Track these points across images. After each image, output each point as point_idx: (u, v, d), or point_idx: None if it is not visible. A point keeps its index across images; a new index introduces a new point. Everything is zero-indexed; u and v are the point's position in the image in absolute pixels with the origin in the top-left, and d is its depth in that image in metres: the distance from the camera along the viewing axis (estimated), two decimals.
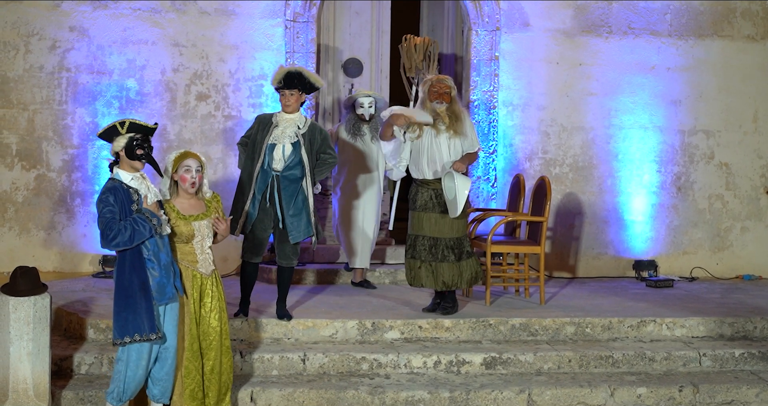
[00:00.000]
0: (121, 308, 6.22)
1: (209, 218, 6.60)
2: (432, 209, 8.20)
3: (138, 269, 6.24)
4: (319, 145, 7.95)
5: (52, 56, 10.05)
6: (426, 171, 8.23)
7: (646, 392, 7.42)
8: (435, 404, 7.21)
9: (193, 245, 6.54)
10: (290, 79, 7.88)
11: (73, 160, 10.11)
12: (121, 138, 6.32)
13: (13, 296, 6.60)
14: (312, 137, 7.90)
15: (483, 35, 10.52)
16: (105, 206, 6.17)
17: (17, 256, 9.95)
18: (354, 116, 9.46)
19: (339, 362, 7.57)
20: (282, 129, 7.88)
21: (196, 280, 6.56)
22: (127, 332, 6.20)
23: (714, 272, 10.91)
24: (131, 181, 6.32)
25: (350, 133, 9.42)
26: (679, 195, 10.88)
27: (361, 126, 9.43)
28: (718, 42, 10.84)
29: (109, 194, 6.20)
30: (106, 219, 6.14)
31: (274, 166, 7.81)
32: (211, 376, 6.61)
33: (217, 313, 6.62)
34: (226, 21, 10.21)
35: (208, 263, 6.62)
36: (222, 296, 6.68)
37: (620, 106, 10.74)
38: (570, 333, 8.19)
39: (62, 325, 8.10)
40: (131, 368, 6.28)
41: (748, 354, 7.95)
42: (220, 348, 6.62)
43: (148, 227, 6.18)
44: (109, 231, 6.11)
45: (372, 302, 8.82)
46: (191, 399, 6.53)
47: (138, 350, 6.26)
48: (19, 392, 6.60)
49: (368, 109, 9.37)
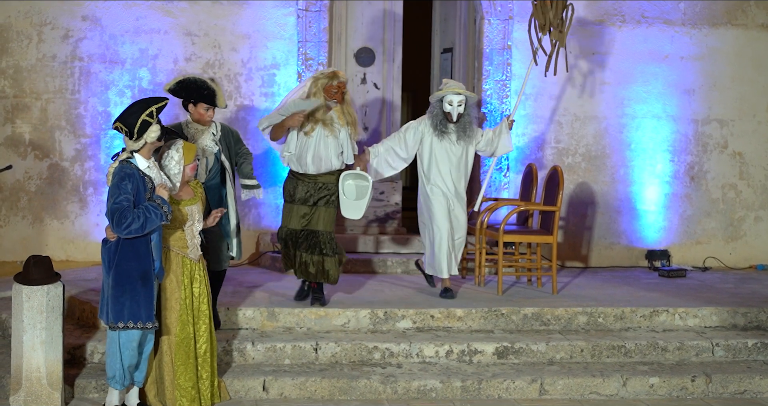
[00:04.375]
0: (120, 293, 6.32)
1: (198, 202, 6.73)
2: (306, 202, 8.10)
3: (144, 257, 6.32)
4: (234, 144, 7.74)
5: (64, 45, 10.06)
6: (310, 166, 8.08)
7: (659, 381, 7.41)
8: (447, 393, 7.22)
9: (184, 230, 6.65)
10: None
11: (86, 149, 10.12)
12: (154, 127, 6.38)
13: (27, 285, 6.62)
14: (227, 140, 7.68)
15: (495, 24, 10.49)
16: (122, 193, 6.21)
17: (30, 245, 9.97)
18: (440, 113, 8.62)
19: (351, 352, 7.57)
20: (199, 142, 7.50)
21: (186, 266, 6.66)
22: (123, 317, 6.32)
23: (727, 262, 10.88)
24: (147, 169, 6.38)
25: (436, 130, 8.61)
26: (692, 185, 10.85)
27: (448, 125, 8.60)
28: (731, 31, 10.79)
29: (127, 181, 6.24)
30: (122, 207, 6.17)
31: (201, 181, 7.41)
32: (204, 357, 6.73)
33: (205, 297, 6.76)
34: (238, 10, 10.20)
35: (197, 248, 6.74)
36: (207, 281, 6.82)
37: (633, 96, 10.71)
38: (582, 323, 8.18)
39: (75, 314, 8.13)
40: (125, 351, 6.42)
41: (761, 344, 7.93)
42: (209, 331, 6.77)
43: (160, 214, 6.25)
44: (124, 219, 6.16)
45: (384, 291, 8.83)
46: (186, 381, 6.63)
47: (128, 334, 6.39)
48: (32, 381, 6.62)
49: (457, 107, 8.54)
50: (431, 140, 8.64)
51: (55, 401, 6.64)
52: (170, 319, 6.61)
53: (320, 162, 8.07)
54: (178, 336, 6.63)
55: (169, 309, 6.62)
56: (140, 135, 6.36)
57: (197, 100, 7.44)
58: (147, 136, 6.38)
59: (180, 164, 6.61)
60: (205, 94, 7.43)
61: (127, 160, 6.38)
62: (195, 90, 7.43)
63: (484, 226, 9.14)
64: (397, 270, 9.92)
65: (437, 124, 8.61)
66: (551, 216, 8.91)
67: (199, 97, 7.43)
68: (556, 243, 8.89)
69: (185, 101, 7.52)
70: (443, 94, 8.58)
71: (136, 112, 6.37)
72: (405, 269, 9.92)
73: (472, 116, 8.72)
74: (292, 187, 8.11)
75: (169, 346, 6.63)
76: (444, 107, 8.57)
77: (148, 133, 6.37)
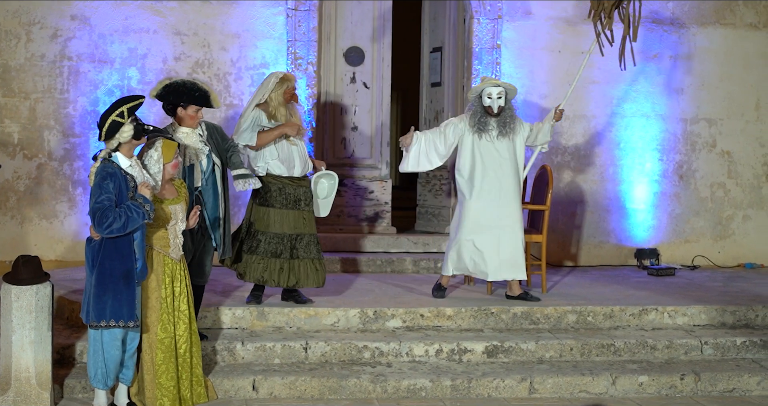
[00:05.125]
0: (102, 291, 6.31)
1: (182, 202, 6.72)
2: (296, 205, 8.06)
3: (126, 256, 6.32)
4: (221, 141, 7.62)
5: (53, 45, 10.04)
6: (297, 169, 8.06)
7: (648, 380, 7.42)
8: (437, 392, 7.22)
9: (167, 229, 6.65)
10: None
11: (75, 149, 10.11)
12: (126, 127, 6.36)
13: (16, 284, 6.61)
14: (214, 138, 7.56)
15: (485, 23, 10.50)
16: (104, 192, 6.21)
17: (19, 245, 9.95)
18: (480, 109, 8.42)
19: (341, 351, 7.57)
20: (188, 144, 7.34)
21: (167, 265, 6.66)
22: (104, 316, 6.32)
23: (716, 261, 10.91)
24: (129, 167, 6.38)
25: (475, 128, 8.42)
26: (681, 183, 10.88)
27: (488, 120, 8.42)
28: (720, 30, 10.82)
29: (109, 181, 6.24)
30: (103, 206, 6.19)
31: (196, 185, 7.34)
32: (185, 357, 6.72)
33: (185, 297, 6.76)
34: (228, 9, 10.20)
35: (179, 248, 6.74)
36: (188, 281, 6.82)
37: (622, 95, 10.73)
38: (572, 321, 8.20)
39: (64, 314, 8.11)
40: (108, 350, 6.42)
41: (749, 342, 7.96)
42: (189, 330, 6.76)
43: (141, 213, 6.25)
44: (105, 219, 6.18)
45: (374, 290, 8.83)
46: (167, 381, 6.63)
47: (111, 333, 6.40)
48: (21, 381, 6.61)
49: (497, 100, 8.36)
50: (472, 139, 8.43)
51: (45, 401, 6.63)
52: (151, 318, 6.61)
53: (305, 164, 8.10)
54: (159, 335, 6.62)
55: (150, 308, 6.61)
56: (110, 135, 6.35)
57: (188, 103, 7.30)
58: (120, 136, 6.37)
59: (159, 162, 6.61)
60: (197, 96, 7.30)
61: (109, 159, 6.37)
62: (185, 93, 7.28)
63: None
64: (387, 269, 9.92)
65: (477, 120, 8.41)
66: (540, 215, 8.92)
67: (190, 99, 7.29)
68: (545, 242, 8.90)
69: (172, 105, 7.34)
70: (482, 88, 8.41)
71: (107, 113, 6.38)
72: (394, 268, 9.92)
73: (512, 110, 8.53)
74: (276, 192, 7.99)
75: (150, 345, 6.62)
76: (483, 101, 8.37)
77: (120, 133, 6.36)
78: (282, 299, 8.21)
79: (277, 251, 7.96)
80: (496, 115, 8.40)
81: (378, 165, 10.89)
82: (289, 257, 7.98)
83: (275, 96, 7.99)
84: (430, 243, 10.45)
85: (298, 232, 8.02)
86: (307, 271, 8.03)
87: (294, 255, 8.00)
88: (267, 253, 7.96)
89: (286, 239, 7.99)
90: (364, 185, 10.76)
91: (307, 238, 8.05)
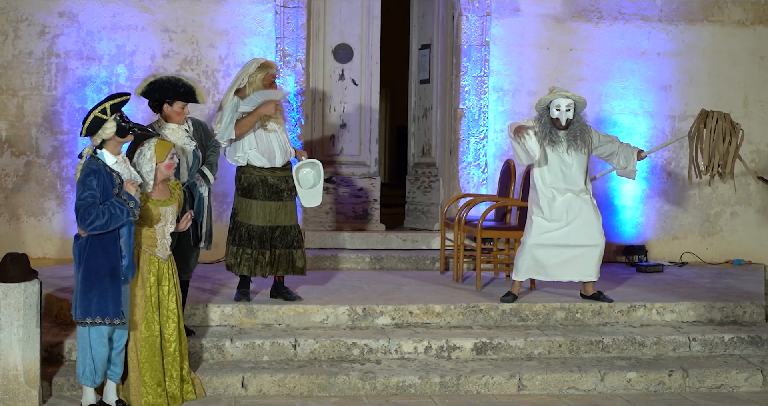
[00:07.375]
0: (88, 288, 6.32)
1: (174, 204, 6.71)
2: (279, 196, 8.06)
3: (111, 253, 6.31)
4: (205, 137, 7.62)
5: (41, 42, 10.01)
6: (278, 159, 8.04)
7: (636, 376, 7.44)
8: (426, 389, 7.23)
9: (155, 229, 6.63)
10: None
11: (63, 146, 10.08)
12: (108, 124, 6.34)
13: (4, 282, 6.60)
14: (198, 133, 7.57)
15: (473, 20, 10.50)
16: (87, 189, 6.21)
17: (7, 243, 9.92)
18: (548, 121, 8.21)
19: (330, 348, 7.57)
20: (174, 140, 7.30)
21: (154, 264, 6.66)
22: (90, 313, 6.32)
23: (704, 257, 10.94)
24: (115, 164, 6.37)
25: (547, 140, 8.18)
26: (669, 180, 10.90)
27: (558, 133, 8.18)
28: (708, 27, 10.85)
29: (93, 177, 6.23)
30: (86, 203, 6.19)
31: (182, 181, 7.31)
32: (174, 356, 6.73)
33: (174, 295, 6.76)
34: (216, 6, 10.18)
35: (166, 248, 6.73)
36: (177, 280, 6.82)
37: (610, 92, 10.75)
38: (560, 318, 8.21)
39: (52, 311, 8.10)
40: (95, 346, 6.42)
41: (737, 339, 7.98)
42: (178, 330, 6.76)
43: (125, 210, 6.24)
44: (87, 216, 6.18)
45: (363, 287, 8.83)
46: (152, 379, 6.62)
47: (98, 330, 6.40)
48: (9, 378, 6.60)
49: (565, 112, 8.13)
50: (543, 149, 8.18)
51: (33, 399, 6.62)
52: (136, 316, 6.61)
53: (285, 154, 8.07)
54: (144, 333, 6.61)
55: (135, 306, 6.61)
56: (92, 131, 6.34)
57: (173, 99, 7.31)
58: (103, 133, 6.36)
59: (152, 162, 6.59)
60: (182, 92, 7.31)
61: (95, 156, 6.36)
62: (170, 89, 7.28)
63: (462, 222, 9.16)
64: (376, 266, 9.92)
65: (546, 133, 8.14)
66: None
67: (176, 95, 7.30)
68: None
69: (157, 102, 7.33)
70: (550, 99, 8.14)
71: (90, 110, 6.38)
72: (383, 266, 9.93)
73: (582, 122, 8.25)
74: (256, 183, 7.98)
75: (135, 343, 6.62)
76: (552, 113, 8.13)
77: (102, 129, 6.35)
78: (271, 296, 8.21)
79: (259, 241, 7.97)
80: (564, 128, 8.18)
81: (367, 162, 10.90)
82: (270, 247, 7.99)
83: (254, 80, 7.96)
84: (419, 240, 10.45)
85: (280, 223, 8.02)
86: (288, 260, 8.03)
87: (276, 245, 8.00)
88: (250, 244, 7.97)
89: (268, 230, 8.00)
90: (353, 182, 10.77)
91: (288, 228, 8.05)
